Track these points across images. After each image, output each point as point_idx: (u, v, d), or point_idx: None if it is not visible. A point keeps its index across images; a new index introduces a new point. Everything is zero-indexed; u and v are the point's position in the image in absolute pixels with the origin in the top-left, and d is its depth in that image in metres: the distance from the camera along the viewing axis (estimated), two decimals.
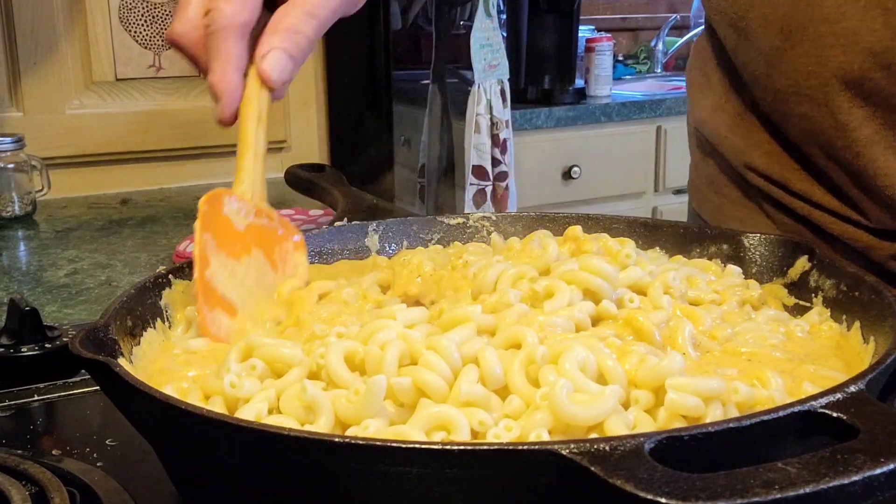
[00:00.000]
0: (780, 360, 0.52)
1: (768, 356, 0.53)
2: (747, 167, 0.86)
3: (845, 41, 0.70)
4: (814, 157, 0.79)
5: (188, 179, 1.73)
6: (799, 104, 0.76)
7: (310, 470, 0.40)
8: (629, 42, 3.24)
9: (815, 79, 0.74)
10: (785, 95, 0.77)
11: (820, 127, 0.76)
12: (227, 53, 0.62)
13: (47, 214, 1.49)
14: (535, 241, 0.67)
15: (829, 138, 0.76)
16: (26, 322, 0.72)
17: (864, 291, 0.57)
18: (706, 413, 0.43)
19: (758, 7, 0.77)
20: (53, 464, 0.54)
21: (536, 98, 2.43)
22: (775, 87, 0.78)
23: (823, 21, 0.71)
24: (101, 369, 0.45)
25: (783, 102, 0.78)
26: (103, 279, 1.11)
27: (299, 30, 0.63)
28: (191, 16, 0.64)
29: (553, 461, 0.35)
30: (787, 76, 0.76)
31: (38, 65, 1.60)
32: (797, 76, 0.75)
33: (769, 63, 0.78)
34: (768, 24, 0.76)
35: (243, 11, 0.62)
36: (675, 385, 0.44)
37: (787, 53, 0.75)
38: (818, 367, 0.51)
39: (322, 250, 0.73)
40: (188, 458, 0.47)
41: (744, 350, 0.54)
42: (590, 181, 2.41)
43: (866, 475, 0.33)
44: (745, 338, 0.55)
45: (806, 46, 0.73)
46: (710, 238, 0.70)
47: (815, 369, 0.51)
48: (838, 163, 0.77)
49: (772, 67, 0.78)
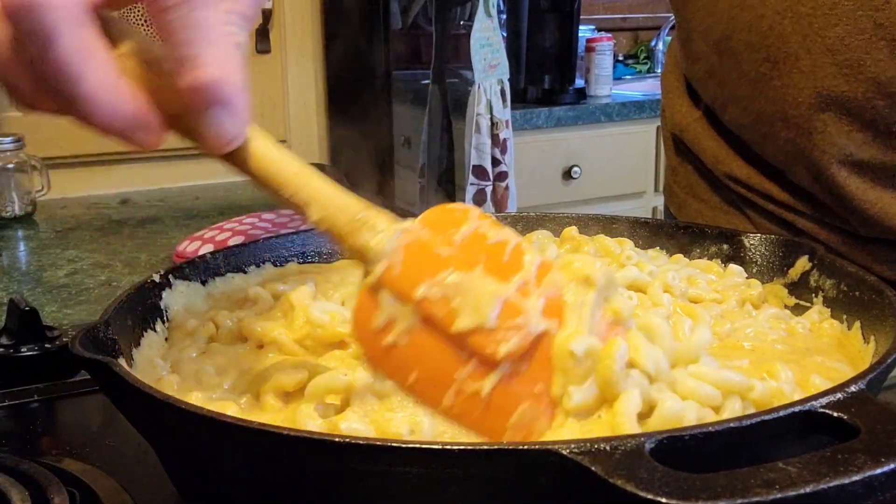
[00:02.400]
0: (782, 352, 0.53)
1: (770, 349, 0.53)
2: (728, 177, 0.85)
3: (849, 71, 0.71)
4: (796, 177, 0.79)
5: (188, 179, 1.72)
6: (785, 129, 0.76)
7: (310, 470, 0.40)
8: (629, 42, 3.24)
9: (803, 108, 0.74)
10: (769, 119, 0.77)
11: (804, 152, 0.76)
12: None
13: (47, 214, 1.49)
14: (535, 242, 0.67)
15: (813, 162, 0.76)
16: (26, 322, 0.72)
17: (865, 291, 0.57)
18: (724, 406, 0.44)
19: (743, 32, 0.77)
20: (53, 464, 0.54)
21: (536, 98, 2.43)
22: (758, 109, 0.78)
23: (825, 52, 0.71)
24: (100, 369, 0.45)
25: (766, 125, 0.78)
26: (103, 279, 1.11)
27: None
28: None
29: (553, 461, 0.35)
30: (773, 102, 0.76)
31: None
32: (783, 104, 0.75)
33: (753, 87, 0.78)
34: (754, 50, 0.76)
35: None
36: (696, 373, 0.44)
37: (773, 81, 0.75)
38: (825, 359, 0.51)
39: (322, 250, 0.73)
40: (188, 458, 0.47)
41: (745, 344, 0.54)
42: (590, 181, 2.40)
43: (867, 475, 0.33)
44: (745, 332, 0.56)
45: (795, 77, 0.74)
46: (710, 238, 0.70)
47: (822, 360, 0.51)
48: (821, 185, 0.77)
49: (756, 91, 0.77)
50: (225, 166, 0.45)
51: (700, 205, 0.91)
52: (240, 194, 1.63)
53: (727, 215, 0.88)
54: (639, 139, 2.47)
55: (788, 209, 0.82)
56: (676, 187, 0.95)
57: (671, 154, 0.96)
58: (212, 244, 1.12)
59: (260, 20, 1.82)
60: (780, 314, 0.60)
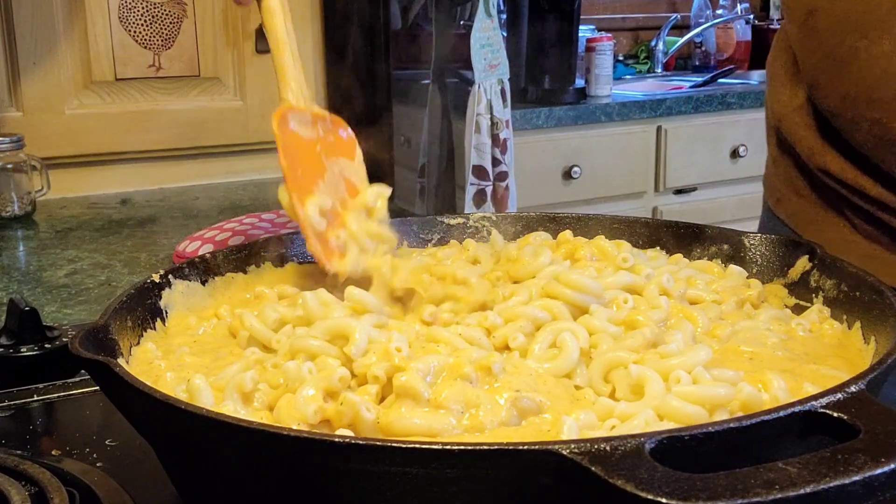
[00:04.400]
0: (781, 359, 0.52)
1: (770, 356, 0.53)
2: (821, 170, 0.82)
3: None
4: (886, 165, 0.75)
5: (188, 179, 1.72)
6: (871, 110, 0.72)
7: (310, 470, 0.40)
8: (629, 42, 3.23)
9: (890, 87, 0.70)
10: (854, 101, 0.73)
11: (890, 137, 0.71)
12: None
13: (47, 214, 1.49)
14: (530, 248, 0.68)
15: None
16: (26, 322, 0.72)
17: (865, 291, 0.56)
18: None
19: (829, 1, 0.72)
20: (53, 464, 0.54)
21: (536, 98, 2.43)
22: (843, 90, 0.74)
23: None
24: (100, 369, 0.45)
25: (852, 108, 0.74)
26: (103, 279, 1.11)
27: None
28: None
29: (553, 461, 0.35)
30: (859, 81, 0.72)
31: (37, 64, 1.60)
32: (871, 80, 0.71)
33: (838, 65, 0.73)
34: (839, 21, 0.71)
35: None
36: (680, 393, 0.44)
37: (861, 54, 0.71)
38: (819, 367, 0.51)
39: None
40: (188, 458, 0.47)
41: (745, 349, 0.54)
42: (590, 181, 2.40)
43: (867, 475, 0.33)
44: (745, 336, 0.56)
45: (885, 46, 0.69)
46: (710, 238, 0.70)
47: (816, 368, 0.51)
48: None
49: (840, 69, 0.73)
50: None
51: (799, 200, 0.87)
52: (240, 194, 1.63)
53: (826, 215, 0.84)
54: (639, 139, 2.47)
55: (884, 208, 0.78)
56: (776, 179, 0.91)
57: (772, 144, 0.92)
58: (212, 244, 1.12)
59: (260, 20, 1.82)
60: (780, 315, 0.60)
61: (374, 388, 0.47)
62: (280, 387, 0.49)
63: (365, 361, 0.48)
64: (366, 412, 0.44)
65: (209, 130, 1.71)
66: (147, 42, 1.68)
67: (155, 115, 1.70)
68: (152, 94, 1.70)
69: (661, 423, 0.43)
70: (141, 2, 1.67)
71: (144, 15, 1.67)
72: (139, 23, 1.67)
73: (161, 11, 1.69)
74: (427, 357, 0.48)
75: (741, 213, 2.55)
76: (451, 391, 0.45)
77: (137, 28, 1.67)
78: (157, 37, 1.69)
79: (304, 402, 0.46)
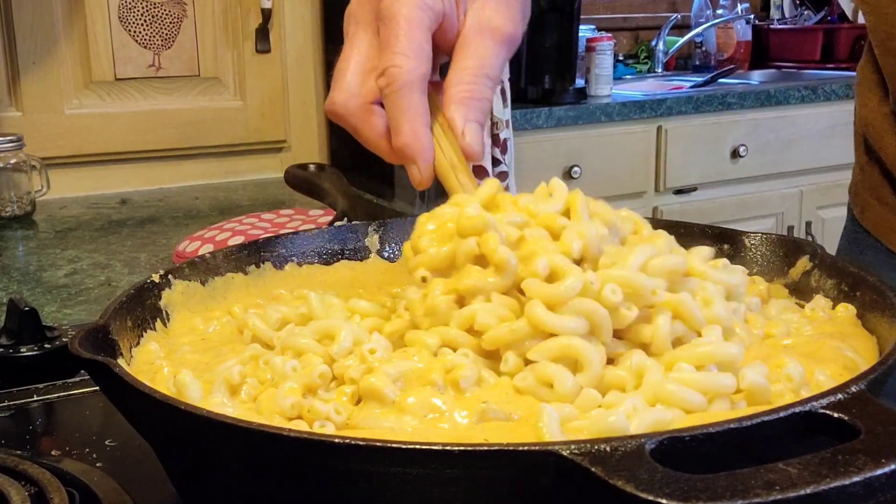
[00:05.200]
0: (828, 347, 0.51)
1: (808, 342, 0.52)
2: None
3: None
4: None
5: (188, 179, 1.73)
6: None
7: (310, 470, 0.40)
8: (629, 42, 3.23)
9: None
10: None
11: None
12: (415, 110, 0.58)
13: (46, 214, 1.49)
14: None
15: None
16: (26, 322, 0.72)
17: (866, 291, 0.56)
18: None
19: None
20: (53, 464, 0.54)
21: (536, 98, 2.42)
22: None
23: None
24: (100, 370, 0.45)
25: None
26: (103, 279, 1.11)
27: (483, 95, 0.62)
28: (349, 85, 0.60)
29: (553, 462, 0.35)
30: None
31: (37, 64, 1.60)
32: None
33: None
34: None
35: (421, 64, 0.60)
36: (677, 379, 0.44)
37: None
38: (842, 345, 0.51)
39: (322, 251, 0.73)
40: (188, 458, 0.47)
41: (785, 342, 0.53)
42: (590, 181, 2.40)
43: (867, 476, 0.33)
44: (778, 329, 0.55)
45: None
46: (710, 238, 0.70)
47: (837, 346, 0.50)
48: None
49: None
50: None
51: (884, 210, 0.84)
52: (240, 194, 1.63)
53: None
54: (639, 139, 2.47)
55: None
56: (862, 188, 0.88)
57: (860, 152, 0.89)
58: (212, 244, 1.12)
59: (260, 20, 1.82)
60: (792, 305, 0.60)
61: (350, 389, 0.48)
62: (267, 382, 0.50)
63: (344, 362, 0.49)
64: (335, 416, 0.46)
65: (209, 130, 1.71)
66: (147, 42, 1.68)
67: (155, 115, 1.70)
68: (152, 94, 1.70)
69: (651, 410, 0.43)
70: (141, 1, 1.67)
71: (144, 15, 1.67)
72: (139, 23, 1.67)
73: (161, 11, 1.69)
74: (398, 361, 0.48)
75: (741, 213, 2.55)
76: (417, 397, 0.45)
77: (137, 28, 1.67)
78: (157, 37, 1.69)
79: (282, 396, 0.47)
